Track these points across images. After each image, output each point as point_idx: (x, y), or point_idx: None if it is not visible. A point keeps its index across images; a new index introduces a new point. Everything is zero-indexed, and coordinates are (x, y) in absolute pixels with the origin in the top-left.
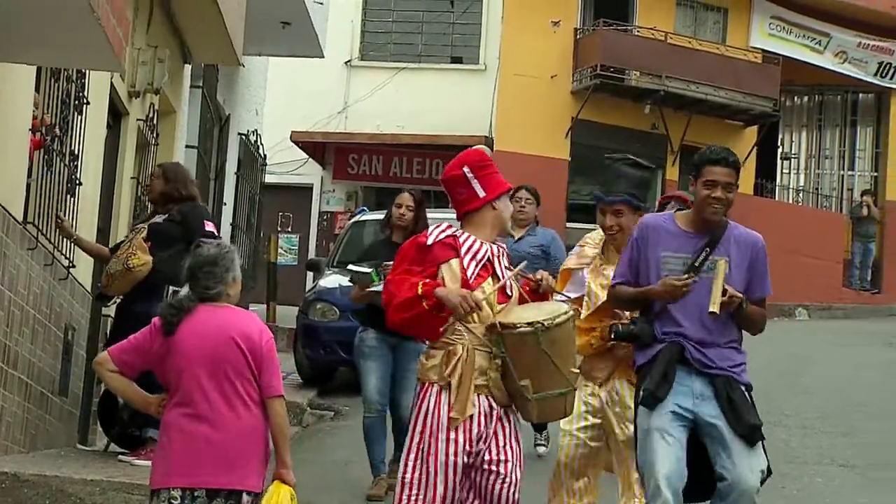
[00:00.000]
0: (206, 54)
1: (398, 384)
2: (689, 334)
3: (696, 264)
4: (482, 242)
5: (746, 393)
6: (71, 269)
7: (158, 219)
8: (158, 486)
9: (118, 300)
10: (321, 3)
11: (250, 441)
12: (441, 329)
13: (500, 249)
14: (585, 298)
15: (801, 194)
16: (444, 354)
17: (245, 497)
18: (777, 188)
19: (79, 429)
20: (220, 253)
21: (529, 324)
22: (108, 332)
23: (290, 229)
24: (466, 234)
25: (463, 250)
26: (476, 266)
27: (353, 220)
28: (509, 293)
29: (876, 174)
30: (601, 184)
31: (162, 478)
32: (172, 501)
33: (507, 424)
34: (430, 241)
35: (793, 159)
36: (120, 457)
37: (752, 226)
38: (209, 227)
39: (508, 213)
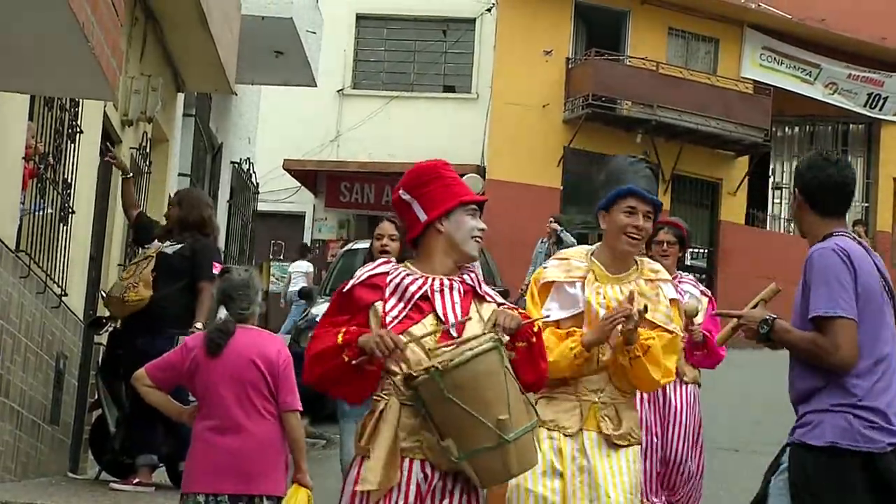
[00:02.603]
0: (199, 83)
1: None
2: None
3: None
4: (420, 277)
5: None
6: (63, 298)
7: (169, 249)
8: (186, 491)
9: (110, 328)
10: (314, 33)
11: (268, 450)
12: (371, 390)
13: (453, 282)
14: (585, 316)
15: (792, 224)
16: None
17: (266, 501)
18: (768, 218)
19: (70, 457)
20: (251, 276)
21: (425, 370)
22: (100, 361)
23: (282, 257)
24: (400, 270)
25: (388, 290)
26: (405, 306)
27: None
28: (454, 333)
29: (867, 204)
30: (605, 186)
31: (189, 483)
32: None
33: (451, 494)
34: (347, 287)
35: (784, 189)
36: (111, 485)
37: (742, 256)
38: (217, 269)
39: (463, 231)
